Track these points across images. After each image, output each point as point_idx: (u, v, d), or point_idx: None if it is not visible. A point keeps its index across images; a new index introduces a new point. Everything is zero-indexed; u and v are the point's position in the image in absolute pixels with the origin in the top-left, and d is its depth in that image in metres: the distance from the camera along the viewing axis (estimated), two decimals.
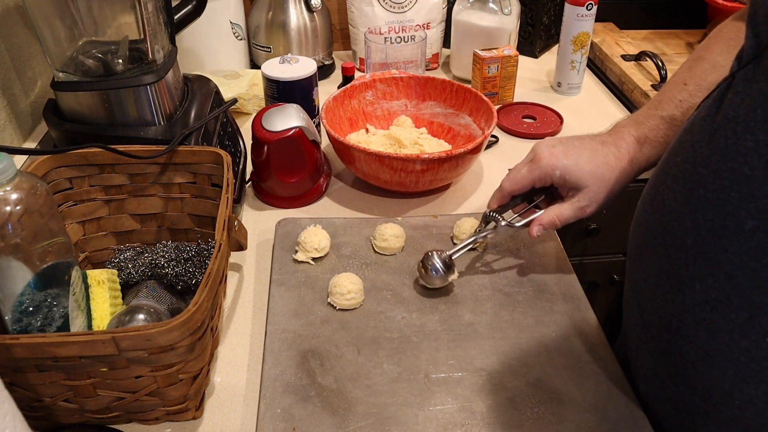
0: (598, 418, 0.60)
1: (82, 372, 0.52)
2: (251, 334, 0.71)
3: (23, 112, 0.94)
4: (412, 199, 0.92)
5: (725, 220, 0.42)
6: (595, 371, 0.64)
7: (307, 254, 0.78)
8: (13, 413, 0.40)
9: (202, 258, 0.72)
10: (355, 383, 0.63)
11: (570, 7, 1.14)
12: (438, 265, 0.71)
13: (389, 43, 1.10)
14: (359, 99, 1.01)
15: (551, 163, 0.68)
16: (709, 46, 0.68)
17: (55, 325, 0.59)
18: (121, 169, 0.72)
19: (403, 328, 0.70)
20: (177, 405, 0.58)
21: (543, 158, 0.69)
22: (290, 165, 0.86)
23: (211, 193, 0.74)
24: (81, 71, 0.78)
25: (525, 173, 0.70)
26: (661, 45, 1.42)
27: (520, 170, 0.71)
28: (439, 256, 0.71)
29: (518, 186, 0.71)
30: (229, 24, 1.18)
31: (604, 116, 1.17)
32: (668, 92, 0.68)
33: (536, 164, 0.69)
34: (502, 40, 1.21)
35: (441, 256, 0.72)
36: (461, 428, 0.59)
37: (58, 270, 0.59)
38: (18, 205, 0.53)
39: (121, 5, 0.77)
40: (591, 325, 0.70)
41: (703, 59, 0.68)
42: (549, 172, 0.68)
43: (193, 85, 0.88)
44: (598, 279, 1.22)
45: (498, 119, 0.99)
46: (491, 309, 0.72)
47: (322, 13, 1.24)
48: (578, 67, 1.20)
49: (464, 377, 0.64)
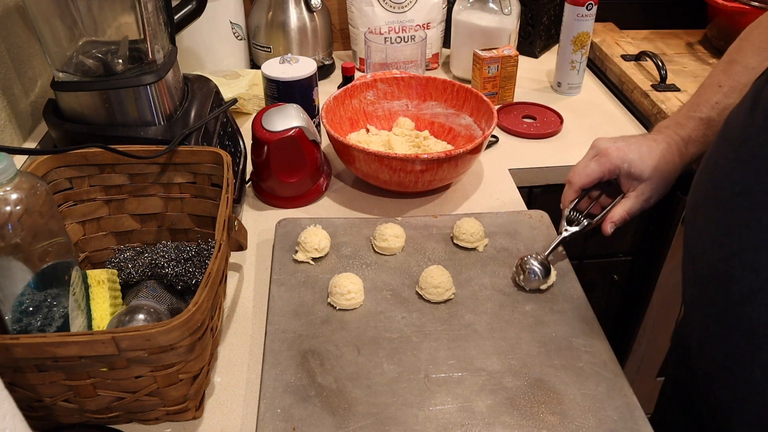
0: (598, 418, 0.60)
1: (82, 372, 0.52)
2: (251, 334, 0.71)
3: (23, 112, 0.94)
4: (412, 199, 0.92)
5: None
6: (595, 371, 0.64)
7: (307, 254, 0.78)
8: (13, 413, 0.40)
9: (202, 258, 0.72)
10: (355, 383, 0.63)
11: (570, 7, 1.14)
12: (536, 268, 0.72)
13: (389, 43, 1.10)
14: (360, 99, 1.01)
15: (620, 156, 0.72)
16: (741, 48, 0.72)
17: (55, 325, 0.59)
18: (121, 169, 0.72)
19: (403, 328, 0.70)
20: (177, 405, 0.58)
21: (611, 152, 0.72)
22: (290, 165, 0.86)
23: (211, 193, 0.74)
24: (81, 71, 0.78)
25: (594, 167, 0.73)
26: (661, 45, 1.42)
27: (588, 165, 0.74)
28: (536, 259, 0.73)
29: (589, 179, 0.74)
30: (229, 24, 1.18)
31: (604, 116, 1.17)
32: (704, 95, 0.73)
33: (605, 157, 0.72)
34: (502, 40, 1.21)
35: (538, 258, 0.73)
36: (461, 428, 0.59)
37: (58, 270, 0.59)
38: (18, 205, 0.53)
39: (121, 5, 0.77)
40: (591, 325, 0.70)
41: (736, 62, 0.72)
42: (618, 164, 0.72)
43: (193, 85, 0.88)
44: (598, 279, 1.22)
45: (498, 119, 0.99)
46: (491, 309, 0.72)
47: (322, 13, 1.24)
48: (578, 67, 1.20)
49: (464, 377, 0.64)
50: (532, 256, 0.73)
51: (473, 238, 0.80)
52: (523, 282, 0.73)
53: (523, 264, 0.73)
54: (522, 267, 0.73)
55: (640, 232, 1.17)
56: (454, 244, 0.81)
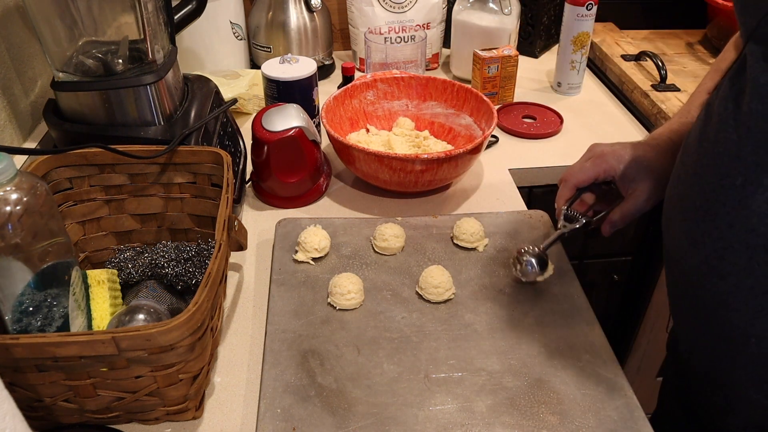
0: (598, 418, 0.60)
1: (82, 372, 0.52)
2: (251, 334, 0.71)
3: (23, 112, 0.94)
4: (412, 199, 0.92)
5: (722, 179, 0.51)
6: (595, 371, 0.64)
7: (307, 254, 0.78)
8: (13, 413, 0.40)
9: (202, 258, 0.72)
10: (355, 383, 0.63)
11: (570, 7, 1.14)
12: (533, 260, 0.72)
13: (389, 43, 1.10)
14: (360, 99, 1.01)
15: (616, 158, 0.73)
16: (726, 59, 0.74)
17: (55, 325, 0.59)
18: (121, 169, 0.72)
19: (403, 328, 0.70)
20: (177, 405, 0.58)
21: (607, 154, 0.73)
22: (290, 165, 0.86)
23: (211, 193, 0.74)
24: (81, 71, 0.78)
25: (590, 165, 0.74)
26: (661, 45, 1.42)
27: (583, 165, 0.75)
28: (533, 251, 0.72)
29: (584, 177, 0.75)
30: (229, 24, 1.18)
31: (604, 116, 1.17)
32: (695, 101, 0.75)
33: (601, 159, 0.74)
34: (502, 40, 1.21)
35: (535, 251, 0.72)
36: (461, 428, 0.59)
37: (58, 270, 0.59)
38: (18, 205, 0.53)
39: (121, 5, 0.77)
40: (591, 325, 0.70)
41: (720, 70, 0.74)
42: (615, 165, 0.73)
43: (193, 85, 0.88)
44: (598, 279, 1.22)
45: (498, 119, 0.99)
46: (491, 309, 0.72)
47: (322, 13, 1.24)
48: (578, 67, 1.20)
49: (464, 377, 0.64)
50: (528, 248, 0.73)
51: (473, 238, 0.80)
52: (519, 273, 0.73)
53: (520, 256, 0.73)
54: (519, 259, 0.73)
55: (640, 232, 1.17)
56: (454, 244, 0.81)
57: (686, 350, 0.65)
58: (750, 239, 0.50)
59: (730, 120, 0.51)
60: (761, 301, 0.51)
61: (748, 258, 0.50)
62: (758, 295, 0.51)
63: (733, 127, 0.51)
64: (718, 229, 0.52)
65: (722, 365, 0.58)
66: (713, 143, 0.53)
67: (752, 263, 0.50)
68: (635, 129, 1.13)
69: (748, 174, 0.49)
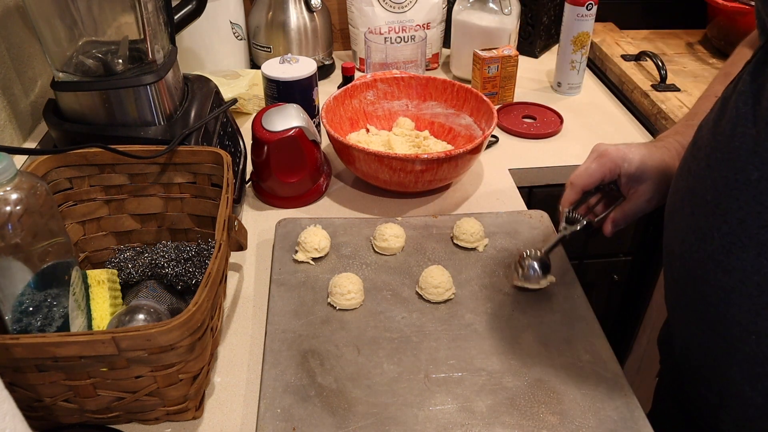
0: (598, 418, 0.60)
1: (82, 372, 0.52)
2: (251, 334, 0.71)
3: (23, 112, 0.94)
4: (412, 199, 0.92)
5: (736, 174, 0.51)
6: (595, 371, 0.64)
7: (307, 254, 0.78)
8: (13, 413, 0.40)
9: (202, 258, 0.72)
10: (355, 383, 0.63)
11: (570, 7, 1.14)
12: (535, 264, 0.71)
13: (389, 43, 1.10)
14: (360, 99, 1.01)
15: (620, 155, 0.72)
16: (735, 63, 0.74)
17: (55, 325, 0.59)
18: (121, 169, 0.72)
19: (403, 328, 0.70)
20: (177, 405, 0.58)
21: (611, 152, 0.73)
22: (290, 165, 0.86)
23: (211, 193, 0.74)
24: (81, 71, 0.78)
25: (595, 167, 0.74)
26: (661, 45, 1.42)
27: (589, 166, 0.75)
28: (535, 255, 0.72)
29: (591, 179, 0.74)
30: (229, 24, 1.18)
31: (604, 116, 1.17)
32: (702, 105, 0.74)
33: (606, 157, 0.73)
34: (502, 40, 1.21)
35: (537, 255, 0.72)
36: (461, 428, 0.59)
37: (58, 270, 0.59)
38: (18, 205, 0.53)
39: (121, 5, 0.77)
40: (591, 325, 0.70)
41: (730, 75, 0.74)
42: (619, 163, 0.72)
43: (193, 85, 0.88)
44: (598, 279, 1.22)
45: (498, 119, 0.99)
46: (491, 309, 0.72)
47: (322, 13, 1.24)
48: (578, 67, 1.20)
49: (464, 377, 0.64)
50: (530, 252, 0.72)
51: (473, 238, 0.80)
52: (522, 278, 0.73)
53: (522, 261, 0.72)
54: (521, 263, 0.72)
55: (640, 232, 1.17)
56: (454, 244, 0.81)
57: (681, 346, 0.65)
58: (761, 235, 0.50)
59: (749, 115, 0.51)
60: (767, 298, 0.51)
61: (757, 254, 0.50)
62: (764, 292, 0.50)
63: (751, 122, 0.50)
64: (727, 223, 0.52)
65: (718, 361, 0.58)
66: (729, 137, 0.52)
67: (760, 259, 0.50)
68: (635, 129, 1.13)
69: (765, 169, 0.49)
